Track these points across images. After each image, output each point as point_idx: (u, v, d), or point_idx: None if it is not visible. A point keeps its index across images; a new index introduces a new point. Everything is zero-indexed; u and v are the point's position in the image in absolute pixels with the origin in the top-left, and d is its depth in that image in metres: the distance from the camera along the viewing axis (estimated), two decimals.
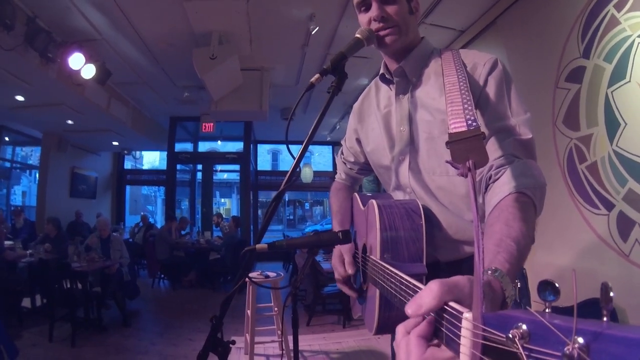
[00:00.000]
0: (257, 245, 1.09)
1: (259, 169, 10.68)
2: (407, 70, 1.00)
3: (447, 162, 0.65)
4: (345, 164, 1.32)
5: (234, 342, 1.15)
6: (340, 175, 1.36)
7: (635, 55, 2.20)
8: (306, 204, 21.36)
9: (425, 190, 0.98)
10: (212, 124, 7.64)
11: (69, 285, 3.56)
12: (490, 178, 0.80)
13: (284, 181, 1.07)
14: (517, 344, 0.32)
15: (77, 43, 4.09)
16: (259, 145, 10.63)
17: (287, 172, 1.03)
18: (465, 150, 0.63)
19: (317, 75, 0.95)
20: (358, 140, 1.21)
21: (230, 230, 6.96)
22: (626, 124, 2.26)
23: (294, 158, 1.04)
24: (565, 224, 2.62)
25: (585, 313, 0.30)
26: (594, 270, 2.40)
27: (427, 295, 0.46)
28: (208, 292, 6.20)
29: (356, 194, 1.21)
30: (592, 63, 2.48)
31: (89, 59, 4.19)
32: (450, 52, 0.95)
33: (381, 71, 1.09)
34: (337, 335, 4.15)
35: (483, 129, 0.76)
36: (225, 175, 13.71)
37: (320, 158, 15.33)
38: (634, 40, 2.21)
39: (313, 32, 4.03)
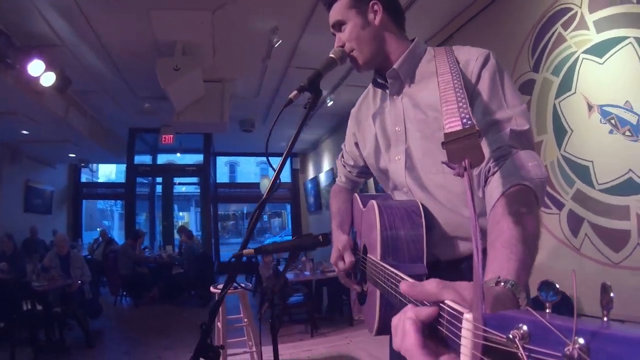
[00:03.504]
0: (245, 250, 1.12)
1: (217, 181, 10.52)
2: (400, 72, 1.01)
3: (442, 162, 0.64)
4: (345, 167, 1.33)
5: (223, 347, 1.17)
6: (340, 179, 1.36)
7: (580, 69, 2.43)
8: (264, 216, 21.25)
9: (422, 188, 0.98)
10: (171, 136, 7.46)
11: (29, 306, 3.34)
12: (489, 171, 0.79)
13: (266, 190, 1.11)
14: (517, 345, 0.32)
15: (37, 48, 3.88)
16: (217, 157, 10.49)
17: (246, 184, 1.07)
18: (461, 149, 0.62)
19: (295, 92, 0.99)
20: (356, 144, 1.23)
21: (188, 243, 6.82)
22: (572, 130, 2.49)
23: (274, 170, 1.09)
24: None
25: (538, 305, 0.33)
26: (550, 266, 2.58)
27: (427, 282, 0.47)
28: (172, 308, 6.02)
29: (356, 195, 1.22)
30: (542, 76, 2.70)
31: (48, 66, 3.99)
32: (444, 49, 0.96)
33: (373, 76, 1.11)
34: (306, 343, 4.15)
35: (479, 123, 0.76)
36: (183, 188, 13.37)
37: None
38: (578, 56, 2.44)
39: (276, 45, 4.08)
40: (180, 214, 17.96)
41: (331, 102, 5.59)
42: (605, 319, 0.30)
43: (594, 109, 2.32)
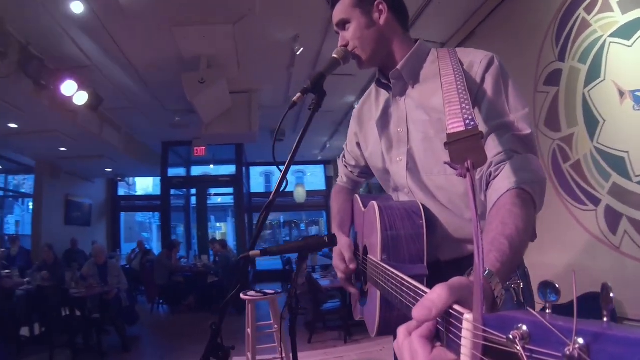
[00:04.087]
0: (251, 252, 1.13)
1: (252, 191, 10.67)
2: (404, 73, 1.01)
3: (445, 163, 0.64)
4: (346, 167, 1.33)
5: (233, 348, 1.17)
6: (341, 179, 1.37)
7: (607, 54, 2.30)
8: (301, 224, 21.34)
9: (423, 190, 0.98)
10: (203, 148, 7.70)
11: (68, 312, 3.52)
12: (490, 175, 0.80)
13: (274, 191, 1.12)
14: (517, 345, 0.32)
15: (69, 70, 4.14)
16: (251, 167, 10.66)
17: (281, 193, 1.08)
18: (463, 150, 0.63)
19: (298, 94, 1.01)
20: (358, 144, 1.23)
21: (223, 253, 6.95)
22: (604, 120, 2.35)
23: (280, 170, 1.11)
24: (555, 223, 2.66)
25: (584, 308, 0.31)
26: (587, 265, 2.44)
27: (438, 301, 0.44)
28: (207, 315, 6.11)
29: (357, 196, 1.22)
30: (568, 65, 2.58)
31: (81, 86, 4.23)
32: (447, 51, 0.96)
33: (376, 76, 1.11)
34: (338, 350, 4.11)
35: (482, 126, 0.76)
36: (219, 199, 13.69)
37: (312, 178, 15.29)
38: (605, 40, 2.31)
39: (298, 53, 4.13)
40: (218, 224, 18.37)
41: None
42: (605, 319, 0.30)
43: (626, 95, 2.18)
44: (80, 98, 4.29)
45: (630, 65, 2.16)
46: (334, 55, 1.04)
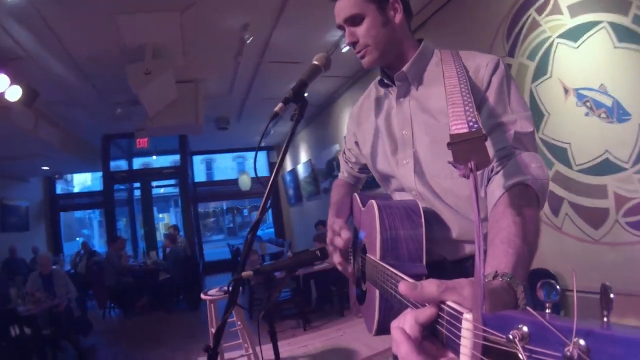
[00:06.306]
0: (243, 273, 1.11)
1: (195, 180, 10.38)
2: (409, 75, 0.99)
3: (449, 162, 0.64)
4: (347, 163, 1.32)
5: (210, 348, 1.14)
6: (342, 174, 1.35)
7: (555, 53, 2.47)
8: (244, 210, 21.17)
9: (431, 192, 0.98)
10: (146, 139, 7.32)
11: (17, 332, 3.22)
12: (492, 170, 0.81)
13: (260, 209, 1.10)
14: (517, 345, 0.32)
15: (0, 63, 3.71)
16: (193, 156, 10.32)
17: (224, 181, 1.04)
18: (467, 151, 0.62)
19: (280, 105, 0.98)
20: (357, 143, 1.22)
21: (172, 247, 6.71)
22: (549, 114, 2.55)
23: (262, 184, 1.08)
24: None
25: (530, 283, 0.33)
26: None
27: (427, 284, 0.45)
28: (161, 315, 5.93)
29: (356, 194, 1.21)
30: (517, 61, 2.74)
31: (13, 80, 3.79)
32: (450, 53, 0.95)
33: (379, 77, 1.08)
34: (300, 339, 4.15)
35: (484, 125, 0.76)
36: (162, 190, 13.12)
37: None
38: (553, 41, 2.48)
39: (248, 42, 4.01)
40: (160, 215, 17.67)
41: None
42: (605, 319, 0.30)
43: (570, 93, 2.37)
44: (14, 93, 3.84)
45: (575, 65, 2.34)
46: (315, 62, 1.03)
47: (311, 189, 7.90)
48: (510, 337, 0.33)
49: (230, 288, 1.12)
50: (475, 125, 0.66)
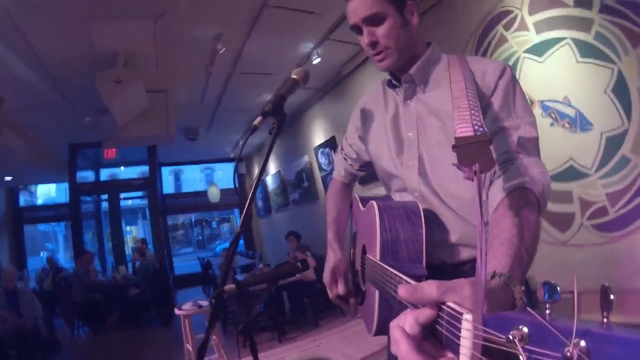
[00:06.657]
0: (226, 287, 1.11)
1: (164, 192, 10.16)
2: (415, 77, 1.00)
3: (453, 164, 0.64)
4: (346, 160, 1.29)
5: None
6: (339, 173, 1.33)
7: (521, 67, 2.58)
8: (213, 222, 20.81)
9: (434, 194, 0.98)
10: (114, 150, 7.10)
11: None
12: (494, 173, 0.81)
13: (240, 223, 1.10)
14: (517, 345, 0.32)
15: None
16: (162, 167, 10.08)
17: (193, 193, 1.04)
18: (471, 154, 0.62)
19: (259, 118, 0.99)
20: (360, 138, 1.20)
21: (142, 261, 6.52)
22: None
23: (238, 194, 1.07)
24: None
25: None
26: None
27: (427, 286, 0.45)
28: (133, 331, 5.71)
29: (356, 195, 1.21)
30: None
31: None
32: (457, 58, 0.96)
33: (387, 77, 1.09)
34: (276, 351, 4.07)
35: (488, 128, 0.76)
36: (129, 202, 12.73)
37: (223, 175, 14.91)
38: (519, 56, 2.59)
39: (220, 52, 3.98)
40: (128, 228, 17.10)
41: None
42: (605, 320, 0.30)
43: (536, 104, 2.47)
44: None
45: (541, 78, 2.45)
46: (294, 76, 1.04)
47: (280, 200, 7.82)
48: (510, 337, 0.33)
49: (214, 302, 1.11)
50: (481, 129, 0.66)
